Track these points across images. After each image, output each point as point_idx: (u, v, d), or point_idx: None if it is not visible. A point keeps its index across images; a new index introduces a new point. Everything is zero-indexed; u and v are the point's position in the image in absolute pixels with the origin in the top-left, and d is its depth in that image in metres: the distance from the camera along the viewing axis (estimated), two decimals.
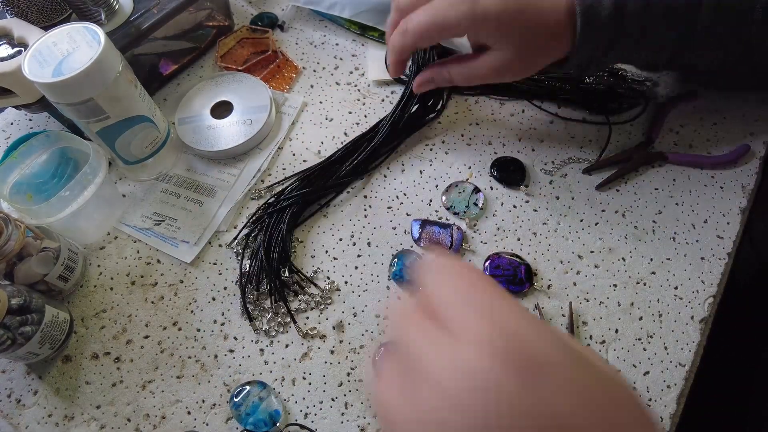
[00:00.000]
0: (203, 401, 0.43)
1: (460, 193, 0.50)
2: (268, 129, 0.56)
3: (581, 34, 0.41)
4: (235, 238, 0.49)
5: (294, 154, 0.55)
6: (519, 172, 0.51)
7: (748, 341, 0.54)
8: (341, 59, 0.62)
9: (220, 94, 0.57)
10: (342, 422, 0.41)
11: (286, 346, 0.45)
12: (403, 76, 0.58)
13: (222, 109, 0.57)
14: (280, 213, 0.49)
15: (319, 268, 0.48)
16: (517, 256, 0.46)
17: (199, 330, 0.46)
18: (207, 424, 0.42)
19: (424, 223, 0.49)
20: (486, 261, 0.47)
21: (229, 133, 0.55)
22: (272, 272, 0.47)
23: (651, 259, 0.46)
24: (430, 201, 0.51)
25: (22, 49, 0.49)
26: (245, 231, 0.50)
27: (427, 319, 0.23)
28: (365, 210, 0.51)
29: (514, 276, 0.45)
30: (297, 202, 0.50)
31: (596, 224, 0.49)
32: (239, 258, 0.48)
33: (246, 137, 0.54)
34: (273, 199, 0.51)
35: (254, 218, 0.50)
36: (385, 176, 0.53)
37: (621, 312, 0.44)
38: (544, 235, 0.48)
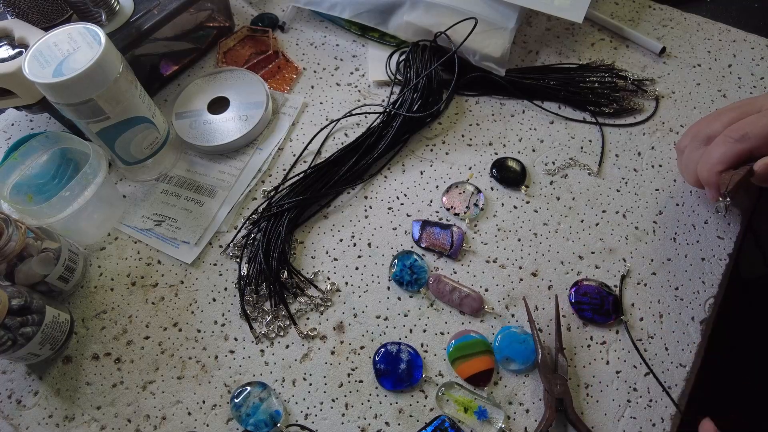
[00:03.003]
0: (204, 402, 0.43)
1: (461, 194, 0.50)
2: (264, 125, 0.56)
3: None
4: (228, 245, 0.49)
5: (294, 155, 0.55)
6: (519, 173, 0.51)
7: (749, 342, 0.54)
8: (341, 60, 0.62)
9: (217, 90, 0.58)
10: (342, 423, 0.41)
11: (287, 347, 0.45)
12: (399, 76, 0.58)
13: (219, 105, 0.57)
14: (279, 217, 0.49)
15: (319, 269, 0.48)
16: (606, 286, 0.45)
17: (199, 331, 0.46)
18: (207, 425, 0.42)
19: (425, 224, 0.49)
20: (572, 287, 0.45)
21: (225, 128, 0.55)
22: (271, 276, 0.47)
23: (651, 260, 0.46)
24: (431, 202, 0.51)
25: (23, 50, 0.49)
26: (242, 233, 0.50)
27: None
28: (366, 211, 0.51)
29: (601, 306, 0.44)
30: (295, 206, 0.50)
31: (597, 225, 0.49)
32: (238, 261, 0.48)
33: (242, 133, 0.54)
34: (271, 205, 0.51)
35: (251, 222, 0.50)
36: (385, 177, 0.53)
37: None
38: (544, 235, 0.48)
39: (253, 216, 0.51)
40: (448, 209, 0.50)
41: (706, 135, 0.42)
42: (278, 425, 0.41)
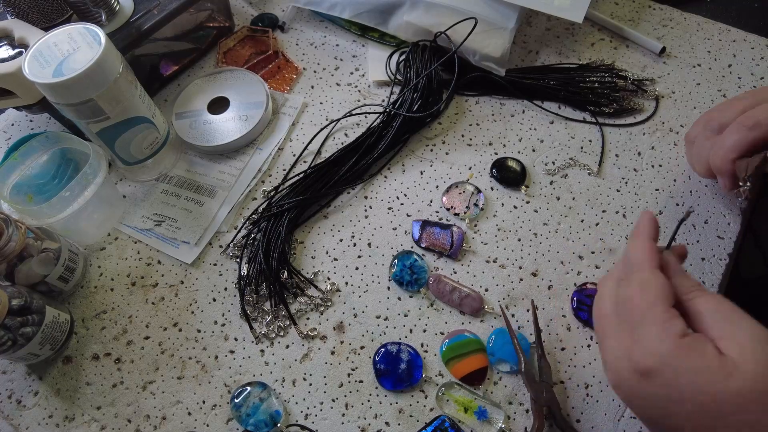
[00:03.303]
0: (204, 402, 0.43)
1: (461, 194, 0.50)
2: (264, 125, 0.56)
3: None
4: (228, 245, 0.49)
5: (294, 155, 0.55)
6: (519, 173, 0.51)
7: None
8: (341, 60, 0.62)
9: (217, 90, 0.58)
10: (342, 423, 0.41)
11: (287, 347, 0.45)
12: (399, 76, 0.58)
13: (219, 105, 0.57)
14: (279, 217, 0.49)
15: (319, 269, 0.48)
16: None
17: (199, 331, 0.46)
18: (207, 425, 0.42)
19: (425, 224, 0.49)
20: (575, 292, 0.45)
21: (225, 128, 0.55)
22: (271, 276, 0.47)
23: None
24: (431, 202, 0.51)
25: (23, 50, 0.49)
26: (242, 233, 0.50)
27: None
28: (366, 211, 0.51)
29: None
30: (295, 206, 0.50)
31: (597, 225, 0.49)
32: (238, 261, 0.48)
33: (242, 133, 0.54)
34: (271, 205, 0.51)
35: (251, 222, 0.50)
36: (385, 177, 0.53)
37: None
38: (544, 235, 0.48)
39: (253, 216, 0.51)
40: (448, 209, 0.50)
41: (719, 123, 0.42)
42: (278, 425, 0.41)
